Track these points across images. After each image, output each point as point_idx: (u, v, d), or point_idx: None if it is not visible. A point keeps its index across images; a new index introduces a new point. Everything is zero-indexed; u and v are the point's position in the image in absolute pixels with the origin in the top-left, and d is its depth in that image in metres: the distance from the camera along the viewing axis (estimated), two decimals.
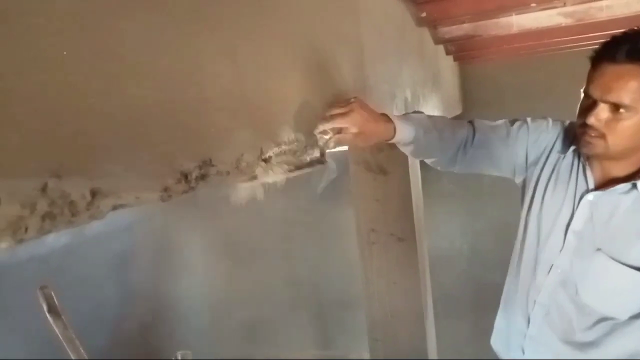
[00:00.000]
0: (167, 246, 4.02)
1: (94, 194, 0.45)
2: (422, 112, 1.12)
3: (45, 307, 1.65)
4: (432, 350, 1.99)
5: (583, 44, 3.11)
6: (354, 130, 0.94)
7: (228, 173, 0.68)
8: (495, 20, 2.58)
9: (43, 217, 0.41)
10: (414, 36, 2.15)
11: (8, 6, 0.38)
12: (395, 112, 1.65)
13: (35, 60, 0.41)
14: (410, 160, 1.86)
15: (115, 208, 0.49)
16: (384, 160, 1.82)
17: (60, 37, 0.43)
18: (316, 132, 0.95)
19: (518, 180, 1.24)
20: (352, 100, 0.97)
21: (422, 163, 2.10)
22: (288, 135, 0.85)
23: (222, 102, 0.67)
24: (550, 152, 1.15)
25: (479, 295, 4.02)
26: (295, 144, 0.88)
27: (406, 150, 1.11)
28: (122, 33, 0.50)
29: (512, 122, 1.20)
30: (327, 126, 0.94)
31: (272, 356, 4.53)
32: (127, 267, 3.61)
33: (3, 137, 0.37)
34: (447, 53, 3.15)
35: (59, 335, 1.70)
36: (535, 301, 1.15)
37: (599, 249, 1.04)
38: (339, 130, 0.95)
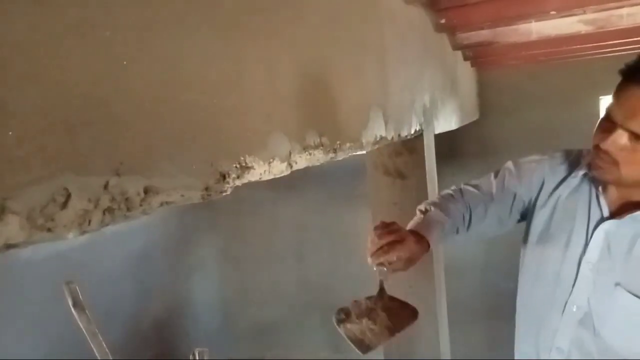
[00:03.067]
0: (182, 246, 4.08)
1: (146, 191, 0.49)
2: (436, 204, 1.11)
3: (70, 302, 1.70)
4: (446, 354, 2.01)
5: (603, 52, 3.09)
6: (404, 256, 0.92)
7: (261, 175, 0.71)
8: (514, 27, 2.59)
9: (104, 212, 0.45)
10: (433, 42, 2.18)
11: (82, 20, 0.42)
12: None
13: (105, 69, 0.45)
14: (428, 164, 1.88)
15: (162, 204, 0.53)
16: (402, 164, 1.84)
17: (124, 48, 0.47)
18: (373, 263, 0.93)
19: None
20: (396, 226, 0.96)
21: (439, 168, 2.12)
22: (314, 139, 0.89)
23: (258, 107, 0.71)
24: (548, 182, 1.09)
25: (492, 304, 4.01)
26: (321, 148, 0.92)
27: (436, 248, 1.13)
28: (174, 44, 0.54)
29: (496, 173, 1.17)
30: (387, 258, 0.91)
31: (284, 358, 4.57)
32: (144, 266, 3.68)
33: (77, 138, 0.42)
34: (465, 59, 3.16)
35: (83, 329, 1.76)
36: (551, 346, 1.03)
37: (617, 284, 0.93)
38: (391, 258, 0.92)
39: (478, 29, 2.57)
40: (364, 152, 1.22)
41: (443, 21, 2.18)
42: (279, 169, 0.77)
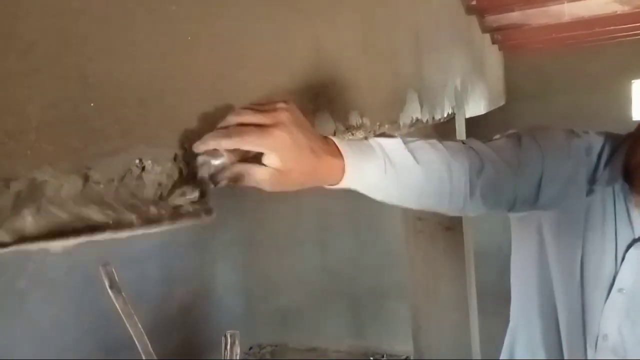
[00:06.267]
0: (206, 232, 4.14)
1: None
2: (394, 136, 0.69)
3: (107, 283, 1.75)
4: (475, 339, 2.00)
5: (638, 33, 3.00)
6: (274, 162, 0.50)
7: None
8: (545, 8, 2.52)
9: (174, 185, 0.45)
10: (463, 24, 2.14)
11: None
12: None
13: (171, 44, 0.45)
14: None
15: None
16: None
17: (189, 23, 0.47)
18: (198, 149, 0.48)
19: (517, 214, 0.92)
20: (281, 105, 0.51)
21: None
22: (357, 119, 0.89)
23: (306, 86, 0.71)
24: (579, 181, 0.82)
25: None
26: (362, 129, 0.92)
27: (370, 194, 0.67)
28: (231, 21, 0.54)
29: (518, 140, 0.81)
30: (226, 144, 0.48)
31: (306, 344, 4.62)
32: (170, 251, 3.74)
33: (147, 110, 0.42)
34: (493, 42, 3.10)
35: (119, 310, 1.81)
36: None
37: None
38: (243, 157, 0.50)
39: (508, 10, 2.51)
40: (400, 134, 1.21)
41: (474, 2, 2.14)
42: None
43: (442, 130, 1.81)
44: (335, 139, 0.59)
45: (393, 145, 0.65)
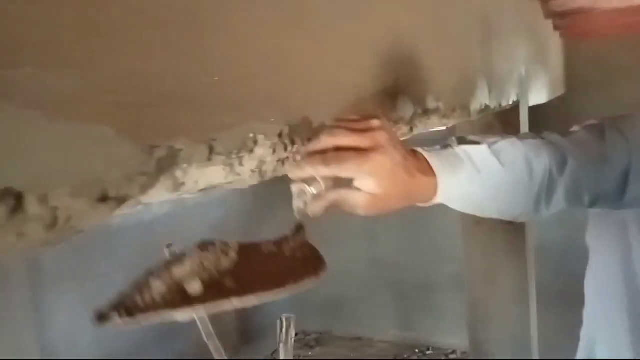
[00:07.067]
0: (256, 220, 4.22)
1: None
2: (476, 142, 0.65)
3: None
4: (534, 334, 1.95)
5: None
6: (372, 187, 0.48)
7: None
8: None
9: (278, 162, 0.47)
10: (527, 10, 2.06)
11: None
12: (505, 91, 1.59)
13: (275, 26, 0.47)
14: None
15: None
16: (492, 136, 1.77)
17: (287, 7, 0.48)
18: (293, 175, 0.48)
19: (597, 211, 0.86)
20: (376, 123, 0.50)
21: None
22: (433, 103, 0.88)
23: (388, 69, 0.71)
24: None
25: (572, 289, 3.76)
26: (437, 113, 0.91)
27: (452, 206, 0.65)
28: (322, 3, 0.55)
29: (601, 132, 0.74)
30: (324, 172, 0.47)
31: (351, 333, 4.64)
32: (221, 237, 3.83)
33: (256, 87, 0.44)
34: (556, 28, 2.96)
35: None
36: None
37: None
38: (337, 180, 0.48)
39: None
40: (471, 119, 1.19)
41: None
42: (402, 132, 0.77)
43: (505, 119, 1.76)
44: (424, 153, 0.58)
45: (480, 153, 0.63)
